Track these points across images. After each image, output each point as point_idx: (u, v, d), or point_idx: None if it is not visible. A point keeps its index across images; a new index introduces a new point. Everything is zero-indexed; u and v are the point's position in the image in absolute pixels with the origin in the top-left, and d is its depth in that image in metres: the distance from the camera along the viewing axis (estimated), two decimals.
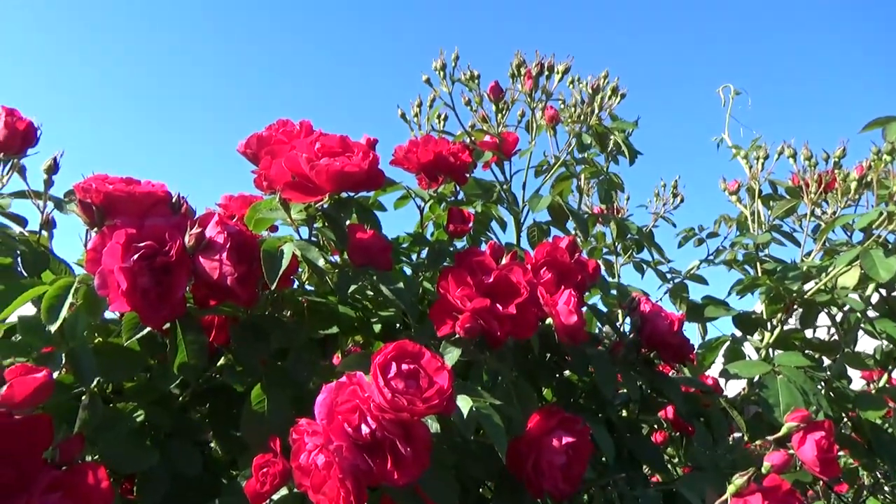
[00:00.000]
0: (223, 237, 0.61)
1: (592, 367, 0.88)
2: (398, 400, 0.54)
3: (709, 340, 1.25)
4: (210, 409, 0.78)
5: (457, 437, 0.74)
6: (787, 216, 1.13)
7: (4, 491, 0.46)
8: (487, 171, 1.13)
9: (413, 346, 0.58)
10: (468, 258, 0.67)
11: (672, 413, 1.16)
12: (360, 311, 0.77)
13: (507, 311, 0.64)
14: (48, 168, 0.73)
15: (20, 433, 0.47)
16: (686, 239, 1.53)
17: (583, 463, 0.69)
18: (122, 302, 0.59)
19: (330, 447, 0.55)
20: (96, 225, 0.62)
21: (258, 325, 0.69)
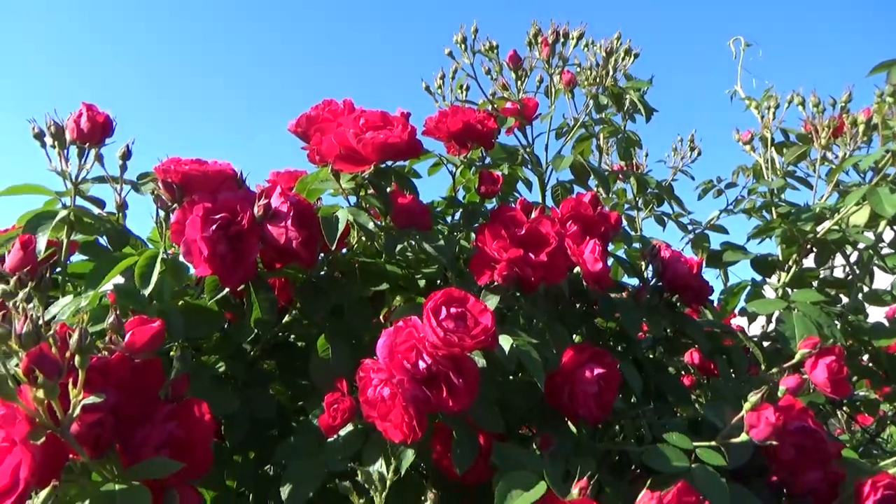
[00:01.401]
0: (287, 206, 0.70)
1: (619, 313, 0.96)
2: (450, 337, 0.63)
3: (730, 286, 1.32)
4: (277, 362, 0.88)
5: (499, 377, 0.83)
6: (799, 161, 1.19)
7: (132, 421, 0.55)
8: (510, 136, 1.20)
9: (459, 293, 0.67)
10: (502, 214, 0.75)
11: (697, 358, 1.24)
12: (405, 269, 0.85)
13: (539, 259, 0.72)
14: (123, 155, 0.82)
15: (141, 374, 0.56)
16: (705, 191, 1.59)
17: (613, 391, 0.77)
18: (205, 267, 0.68)
19: (393, 380, 0.64)
20: (177, 201, 0.70)
21: (318, 284, 0.78)
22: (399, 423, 0.65)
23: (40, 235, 0.72)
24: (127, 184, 0.85)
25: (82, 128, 0.75)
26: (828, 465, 0.81)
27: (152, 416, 0.56)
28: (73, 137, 0.76)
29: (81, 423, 0.50)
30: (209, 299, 0.72)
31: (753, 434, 0.70)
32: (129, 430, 0.55)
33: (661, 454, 0.72)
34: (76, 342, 0.46)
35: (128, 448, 0.55)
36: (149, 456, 0.54)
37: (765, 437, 0.69)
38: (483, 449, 0.75)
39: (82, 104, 0.77)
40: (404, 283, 0.84)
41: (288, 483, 0.72)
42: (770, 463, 0.84)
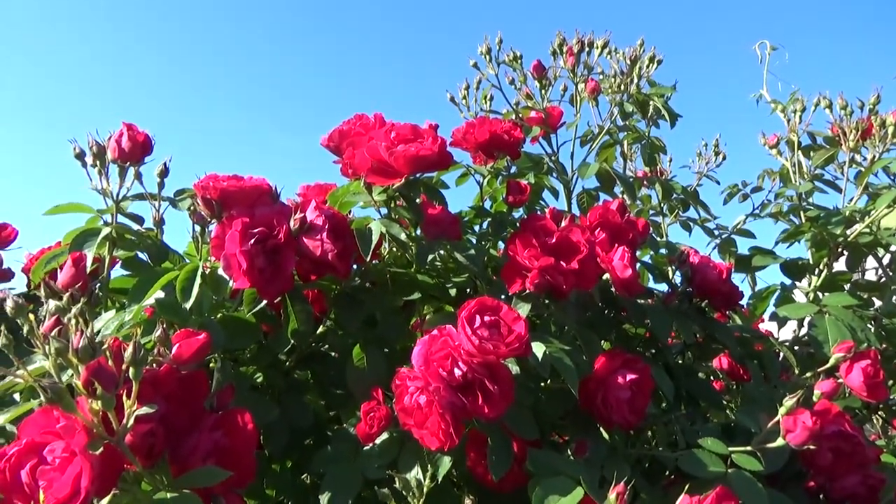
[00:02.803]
0: (322, 219, 0.72)
1: (648, 318, 0.96)
2: (484, 345, 0.64)
3: (759, 291, 1.31)
4: (311, 372, 0.89)
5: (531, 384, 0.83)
6: (826, 164, 1.18)
7: (180, 431, 0.57)
8: (535, 144, 1.21)
9: (492, 301, 0.68)
10: (532, 223, 0.76)
11: (727, 363, 1.23)
12: (435, 278, 0.87)
13: (570, 267, 0.73)
14: (160, 172, 0.85)
15: (188, 385, 0.58)
16: (731, 195, 1.58)
17: (646, 396, 0.77)
18: (244, 280, 0.70)
19: (429, 388, 0.65)
20: (216, 216, 0.72)
21: (353, 294, 0.79)
22: (436, 431, 0.66)
23: (87, 252, 0.75)
24: (165, 200, 0.88)
25: (123, 147, 0.78)
26: (866, 470, 0.80)
27: (199, 425, 0.58)
28: (115, 156, 0.79)
29: (135, 433, 0.51)
30: (247, 311, 0.74)
31: (790, 439, 0.70)
32: (177, 440, 0.57)
33: (697, 459, 0.72)
34: (131, 355, 0.48)
35: (177, 457, 0.56)
36: (197, 465, 0.56)
37: (802, 441, 0.69)
38: (518, 455, 0.76)
39: (123, 124, 0.80)
40: (435, 292, 0.85)
41: (327, 491, 0.74)
42: (807, 468, 0.84)
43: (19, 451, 0.47)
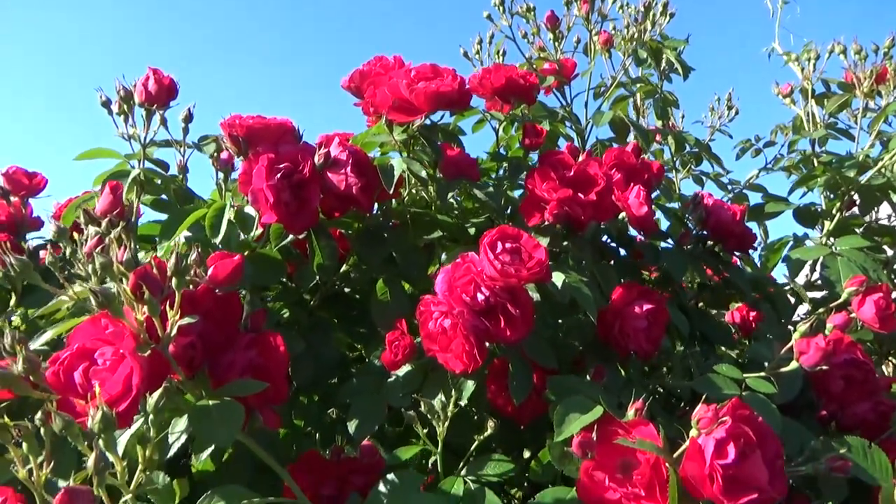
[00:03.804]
0: (346, 154, 0.74)
1: (663, 260, 0.98)
2: (506, 269, 0.66)
3: (771, 243, 1.32)
4: (334, 312, 0.92)
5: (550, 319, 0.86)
6: (840, 111, 1.18)
7: (217, 348, 0.60)
8: (549, 96, 1.22)
9: (512, 230, 0.70)
10: (550, 157, 0.78)
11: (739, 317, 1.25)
12: (455, 219, 0.89)
13: (588, 199, 0.75)
14: (185, 118, 0.87)
15: (223, 305, 0.60)
16: (743, 150, 1.59)
17: (661, 327, 0.79)
18: (271, 214, 0.72)
19: (453, 312, 0.67)
20: (242, 153, 0.74)
21: (375, 232, 0.82)
22: (460, 354, 0.68)
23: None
24: (189, 147, 0.90)
25: (150, 90, 0.80)
26: (877, 397, 0.82)
27: (234, 344, 0.61)
28: (142, 100, 0.81)
29: (176, 344, 0.54)
30: (274, 246, 0.76)
31: (803, 361, 0.72)
32: (214, 357, 0.60)
33: (712, 382, 0.74)
34: (174, 265, 0.50)
35: (214, 373, 0.59)
36: (234, 379, 0.59)
37: (815, 362, 0.71)
38: (536, 386, 0.78)
39: (149, 68, 0.82)
40: (455, 231, 0.87)
41: (354, 418, 0.77)
42: (819, 397, 0.86)
43: (71, 355, 0.49)
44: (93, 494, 0.43)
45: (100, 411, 0.43)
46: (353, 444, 0.77)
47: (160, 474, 0.55)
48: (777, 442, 0.60)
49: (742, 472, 0.56)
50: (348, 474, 0.71)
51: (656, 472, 0.62)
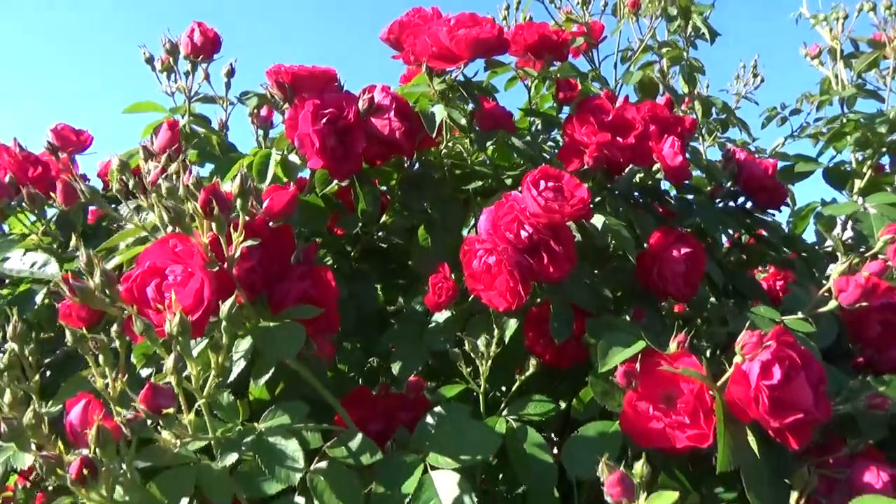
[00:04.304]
0: (389, 100, 0.75)
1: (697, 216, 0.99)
2: (550, 205, 0.68)
3: (798, 209, 1.33)
4: (373, 264, 0.94)
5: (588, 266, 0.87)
6: (870, 69, 1.18)
7: (273, 278, 0.62)
8: (578, 59, 1.23)
9: (554, 170, 0.71)
10: (588, 103, 0.79)
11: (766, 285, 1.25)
12: (492, 170, 0.90)
13: (627, 142, 0.76)
14: (228, 72, 0.89)
15: (278, 236, 0.63)
16: (769, 119, 1.59)
17: (699, 271, 0.80)
18: (317, 159, 0.74)
19: (498, 249, 0.69)
20: (287, 100, 0.76)
21: (416, 180, 0.83)
22: (504, 291, 0.70)
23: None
24: (230, 104, 0.93)
25: (196, 42, 0.82)
26: None
27: (289, 275, 0.63)
28: (187, 52, 0.83)
29: (239, 268, 0.56)
30: (320, 191, 0.78)
31: (842, 299, 0.73)
32: (271, 286, 0.62)
33: (750, 322, 0.75)
34: (238, 185, 0.52)
35: (271, 301, 0.61)
36: (290, 307, 0.61)
37: (854, 299, 0.72)
38: (576, 332, 0.80)
39: (193, 22, 0.84)
40: (492, 181, 0.88)
41: (398, 360, 0.79)
42: (855, 344, 0.87)
43: (143, 273, 0.52)
44: (174, 393, 0.45)
45: (177, 316, 0.45)
46: (398, 384, 0.79)
47: (224, 393, 0.57)
48: (820, 368, 0.61)
49: (787, 393, 0.57)
50: (395, 410, 0.73)
51: (700, 401, 0.63)
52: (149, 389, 0.44)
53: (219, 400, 0.57)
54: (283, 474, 0.52)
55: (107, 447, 0.43)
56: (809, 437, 0.58)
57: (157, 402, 0.44)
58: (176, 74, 0.90)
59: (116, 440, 0.45)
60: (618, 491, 0.44)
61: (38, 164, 0.87)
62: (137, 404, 0.44)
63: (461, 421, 0.67)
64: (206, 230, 0.52)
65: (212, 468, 0.50)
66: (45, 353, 0.79)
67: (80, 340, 0.50)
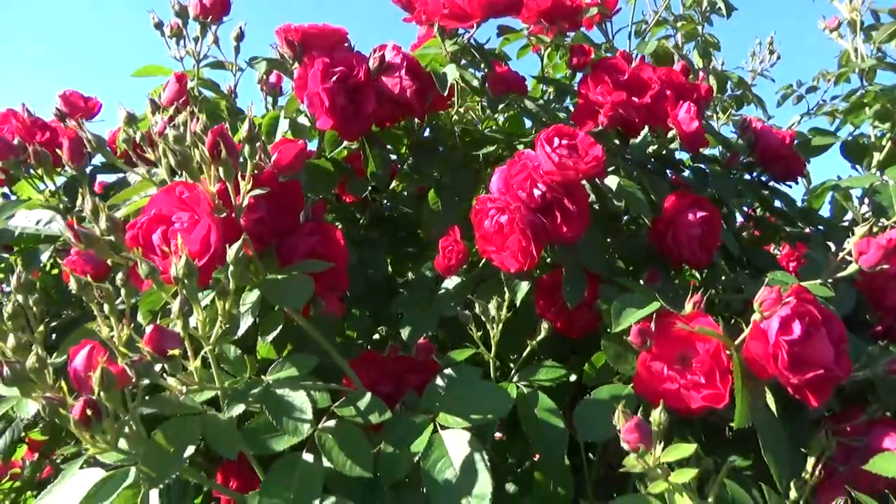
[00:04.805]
0: (400, 58, 0.74)
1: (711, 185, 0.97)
2: (564, 162, 0.66)
3: (813, 188, 1.31)
4: (382, 232, 0.93)
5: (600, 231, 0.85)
6: (890, 40, 1.16)
7: (283, 233, 0.61)
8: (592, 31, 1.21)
9: (567, 128, 0.70)
10: (603, 63, 0.78)
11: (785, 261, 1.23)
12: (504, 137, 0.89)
13: (642, 102, 0.75)
14: (237, 36, 0.88)
15: (286, 191, 0.61)
16: (785, 97, 1.56)
17: (715, 236, 0.79)
18: (326, 118, 0.73)
19: (510, 207, 0.68)
20: (297, 58, 0.75)
21: (427, 144, 0.82)
22: (516, 252, 0.69)
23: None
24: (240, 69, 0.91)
25: (205, 3, 0.80)
26: None
27: (297, 230, 0.62)
28: (196, 13, 0.82)
29: (247, 219, 0.55)
30: (329, 152, 0.77)
31: (863, 261, 0.71)
32: (280, 241, 0.61)
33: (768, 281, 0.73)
34: (246, 132, 0.51)
35: (280, 255, 0.60)
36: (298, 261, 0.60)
37: (875, 262, 0.70)
38: (588, 299, 0.78)
39: None
40: (504, 148, 0.87)
41: (407, 326, 0.78)
42: (874, 313, 0.85)
43: (149, 220, 0.51)
44: (180, 336, 0.44)
45: (183, 258, 0.44)
46: (407, 349, 0.78)
47: (231, 347, 0.57)
48: (841, 325, 0.60)
49: (807, 349, 0.55)
50: (405, 372, 0.72)
51: (716, 361, 0.62)
52: (154, 331, 0.43)
53: (226, 353, 0.56)
54: (290, 426, 0.51)
55: (111, 390, 0.42)
56: (829, 394, 0.56)
57: (162, 344, 0.43)
58: (185, 39, 0.89)
59: (122, 385, 0.45)
60: (635, 437, 0.43)
61: (46, 129, 0.86)
62: (142, 346, 0.43)
63: (472, 382, 0.65)
64: (214, 178, 0.51)
65: (218, 419, 0.50)
66: (50, 317, 0.79)
67: (84, 288, 0.49)
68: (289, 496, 0.52)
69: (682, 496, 0.44)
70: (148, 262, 0.45)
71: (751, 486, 0.64)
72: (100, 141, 0.54)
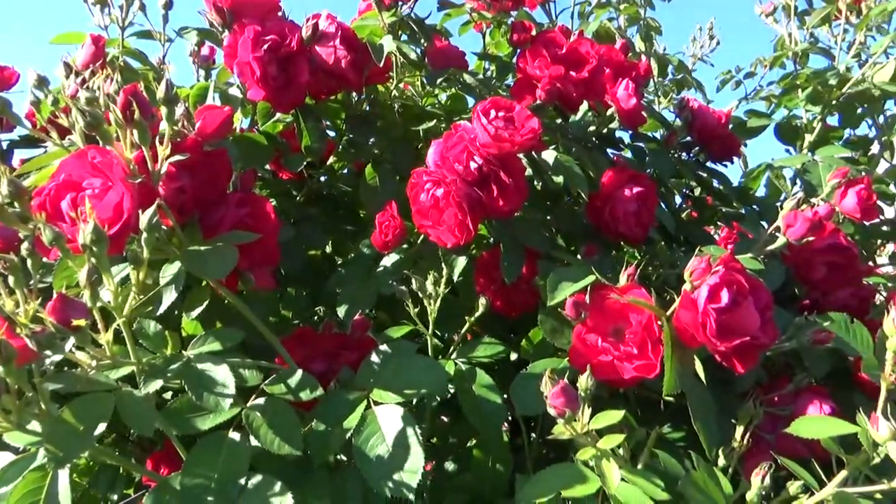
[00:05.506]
0: (334, 27, 0.72)
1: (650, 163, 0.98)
2: (500, 133, 0.65)
3: (750, 171, 1.34)
4: (321, 209, 0.91)
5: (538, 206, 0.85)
6: (823, 24, 1.19)
7: (209, 204, 0.59)
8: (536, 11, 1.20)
9: (505, 100, 0.69)
10: (542, 37, 0.77)
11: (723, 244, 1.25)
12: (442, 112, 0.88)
13: (580, 76, 0.74)
14: (165, 4, 0.84)
15: (212, 161, 0.59)
16: (724, 82, 1.60)
17: (651, 212, 0.80)
18: (257, 89, 0.70)
19: (446, 181, 0.67)
20: (227, 26, 0.72)
21: (364, 116, 0.80)
22: (452, 226, 0.68)
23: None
24: (169, 40, 0.88)
25: None
26: (858, 283, 0.84)
27: (225, 201, 0.59)
28: None
29: (167, 188, 0.53)
30: (262, 124, 0.74)
31: (790, 234, 0.73)
32: (205, 212, 0.58)
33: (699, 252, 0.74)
34: (164, 91, 0.48)
35: (205, 227, 0.58)
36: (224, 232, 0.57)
37: (802, 234, 0.72)
38: (526, 276, 0.78)
39: None
40: (445, 122, 0.86)
41: (343, 303, 0.76)
42: (802, 287, 0.87)
43: (58, 186, 0.48)
44: (87, 307, 0.42)
45: (91, 224, 0.42)
46: (343, 327, 0.76)
47: (151, 322, 0.54)
48: (768, 294, 0.61)
49: (735, 317, 0.56)
50: (340, 349, 0.70)
51: (648, 332, 0.62)
52: (58, 299, 0.40)
53: (145, 328, 0.53)
54: (212, 401, 0.49)
55: (10, 365, 0.40)
56: (756, 361, 0.57)
57: (67, 314, 0.40)
58: (109, 7, 0.85)
59: (27, 360, 0.42)
60: (561, 402, 0.42)
61: None
62: (46, 318, 0.41)
63: (407, 358, 0.64)
64: (130, 143, 0.49)
65: (134, 395, 0.47)
66: None
67: None
68: (212, 475, 0.50)
69: (609, 461, 0.44)
70: (52, 227, 0.42)
71: (682, 456, 0.65)
72: (3, 102, 0.51)
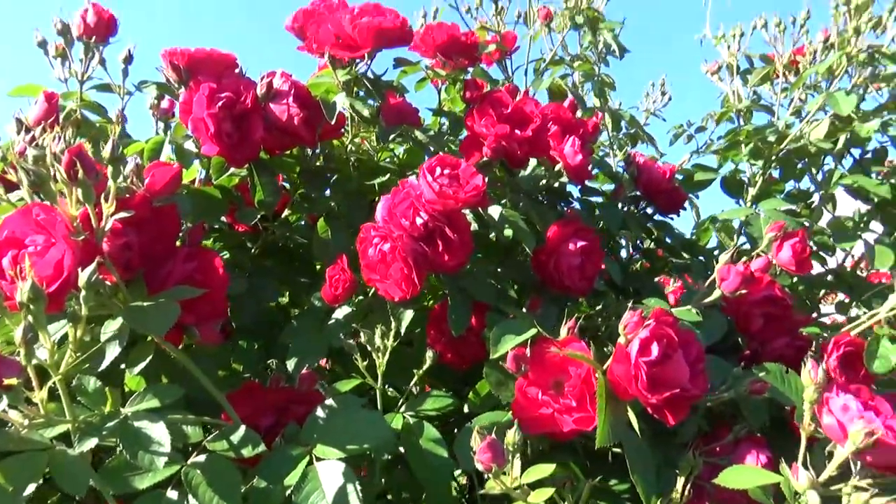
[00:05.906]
0: (288, 85, 0.74)
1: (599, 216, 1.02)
2: (444, 191, 0.68)
3: (701, 222, 1.39)
4: (276, 261, 0.92)
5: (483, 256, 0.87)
6: (763, 83, 1.26)
7: (157, 259, 0.59)
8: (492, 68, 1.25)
9: (451, 158, 0.72)
10: (489, 96, 0.81)
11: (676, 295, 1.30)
12: (396, 167, 0.90)
13: (524, 135, 0.78)
14: (125, 59, 0.86)
15: (161, 217, 0.60)
16: (676, 136, 1.66)
17: (596, 264, 0.82)
18: (212, 144, 0.72)
19: (393, 236, 0.69)
20: (183, 83, 0.74)
21: (318, 170, 0.82)
22: (399, 280, 0.69)
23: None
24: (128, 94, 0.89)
25: (89, 23, 0.79)
26: (794, 333, 0.87)
27: (173, 256, 0.60)
28: (80, 33, 0.80)
29: (112, 244, 0.54)
30: (215, 178, 0.76)
31: (724, 287, 0.76)
32: (152, 267, 0.59)
33: None
34: (109, 151, 0.50)
35: (151, 283, 0.59)
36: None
37: (735, 287, 0.75)
38: (475, 328, 0.80)
39: (86, 1, 0.80)
40: (398, 177, 0.88)
41: (293, 356, 0.77)
42: (742, 335, 0.90)
43: (0, 243, 0.49)
44: (21, 366, 0.42)
45: (28, 281, 0.43)
46: (292, 380, 0.76)
47: (91, 379, 0.54)
48: (699, 346, 0.63)
49: (665, 370, 0.58)
50: (288, 404, 0.71)
51: (587, 385, 0.64)
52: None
53: (84, 385, 0.54)
54: (146, 460, 0.49)
55: None
56: (686, 412, 0.59)
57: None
58: (70, 60, 0.86)
59: None
60: (488, 457, 0.44)
61: None
62: None
63: (352, 412, 0.65)
64: (74, 201, 0.50)
65: (67, 454, 0.47)
66: None
67: None
68: None
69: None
70: None
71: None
72: None
